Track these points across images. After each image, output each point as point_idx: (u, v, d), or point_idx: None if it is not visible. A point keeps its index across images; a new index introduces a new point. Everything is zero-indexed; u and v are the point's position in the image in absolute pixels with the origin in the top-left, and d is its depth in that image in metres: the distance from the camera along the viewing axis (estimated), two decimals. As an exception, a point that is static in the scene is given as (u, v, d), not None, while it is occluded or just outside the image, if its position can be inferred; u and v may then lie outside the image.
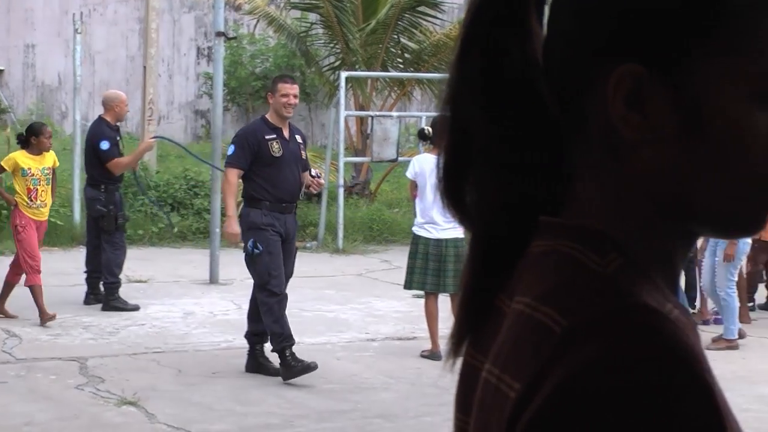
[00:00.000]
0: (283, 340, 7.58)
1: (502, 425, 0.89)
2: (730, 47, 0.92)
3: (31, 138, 9.81)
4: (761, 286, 11.12)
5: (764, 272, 11.06)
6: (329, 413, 6.95)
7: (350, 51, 17.80)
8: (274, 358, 7.75)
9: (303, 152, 8.06)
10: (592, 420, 0.83)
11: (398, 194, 18.12)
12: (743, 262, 9.80)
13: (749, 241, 9.12)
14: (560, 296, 0.91)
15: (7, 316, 9.73)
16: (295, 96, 7.88)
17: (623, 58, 0.93)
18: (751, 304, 10.80)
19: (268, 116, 7.97)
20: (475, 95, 1.01)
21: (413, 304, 10.23)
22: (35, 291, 9.44)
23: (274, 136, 7.82)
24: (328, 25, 18.04)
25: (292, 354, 7.60)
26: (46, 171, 9.81)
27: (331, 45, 18.62)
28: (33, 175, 9.69)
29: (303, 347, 8.17)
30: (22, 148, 9.90)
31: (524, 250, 0.99)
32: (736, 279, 9.19)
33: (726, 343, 8.99)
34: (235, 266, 10.63)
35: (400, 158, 15.31)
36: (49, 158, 9.91)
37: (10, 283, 9.85)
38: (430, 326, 8.41)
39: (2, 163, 9.84)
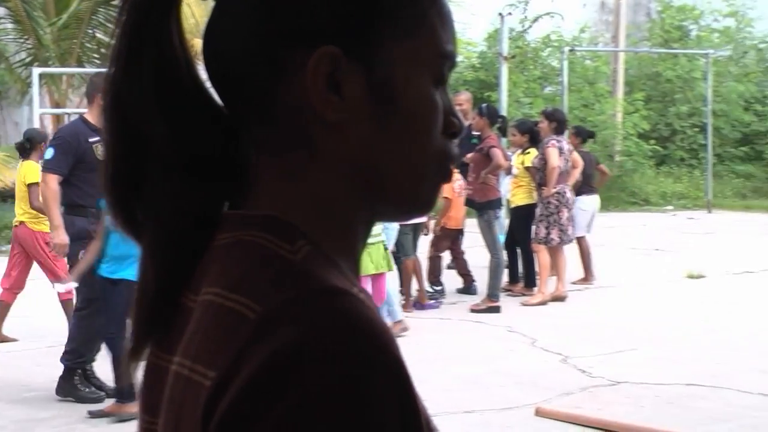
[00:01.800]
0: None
1: (198, 415, 0.87)
2: (412, 31, 0.97)
3: (40, 146, 8.80)
4: (455, 272, 11.59)
5: (452, 258, 11.55)
6: (29, 422, 6.70)
7: (42, 46, 17.24)
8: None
9: None
10: (290, 404, 0.83)
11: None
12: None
13: (395, 226, 9.24)
14: (251, 283, 0.90)
15: (6, 340, 8.91)
16: None
17: (318, 42, 0.94)
18: (439, 288, 11.22)
19: (87, 116, 7.40)
20: (148, 94, 0.97)
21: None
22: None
23: (98, 138, 7.22)
24: (18, 19, 17.42)
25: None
26: None
27: (22, 40, 17.99)
28: None
29: None
30: (25, 158, 8.95)
31: (208, 246, 0.97)
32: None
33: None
34: None
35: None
36: None
37: (5, 303, 8.95)
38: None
39: (33, 180, 8.63)
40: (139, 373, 1.02)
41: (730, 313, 10.22)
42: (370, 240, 5.62)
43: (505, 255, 11.05)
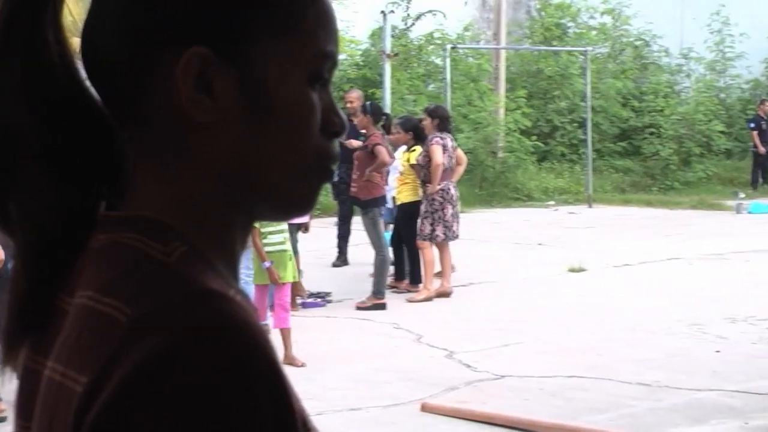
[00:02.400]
0: None
1: (69, 421, 0.87)
2: (285, 30, 0.97)
3: None
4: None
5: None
6: None
7: None
8: None
9: None
10: (160, 409, 0.83)
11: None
12: None
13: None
14: (123, 286, 0.90)
15: None
16: None
17: (188, 42, 0.94)
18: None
19: None
20: (15, 89, 0.96)
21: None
22: None
23: None
24: None
25: None
26: None
27: None
28: None
29: None
30: None
31: (84, 247, 0.97)
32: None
33: None
34: None
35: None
36: None
37: None
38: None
39: None
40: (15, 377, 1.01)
41: (610, 305, 10.45)
42: (274, 248, 5.55)
43: (390, 252, 11.12)
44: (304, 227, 10.73)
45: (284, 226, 8.32)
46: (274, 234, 8.17)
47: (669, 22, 26.88)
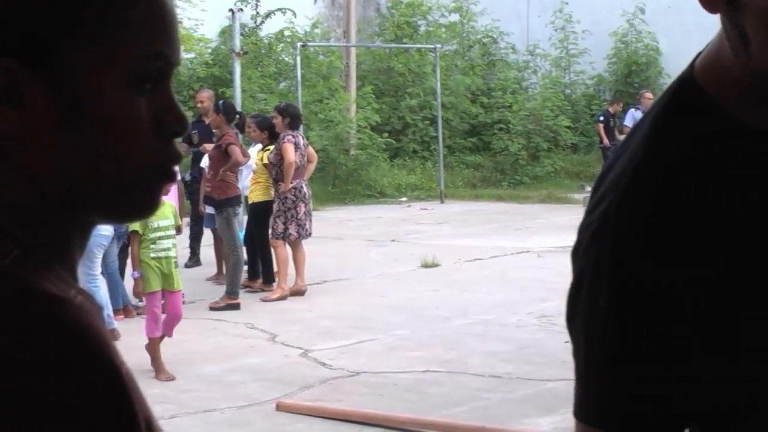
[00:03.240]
0: None
1: None
2: (99, 36, 0.95)
3: None
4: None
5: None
6: None
7: None
8: None
9: None
10: None
11: None
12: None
13: (106, 232, 9.12)
14: None
15: None
16: None
17: None
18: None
19: None
20: None
21: None
22: None
23: None
24: None
25: None
26: None
27: None
28: None
29: None
30: None
31: None
32: (95, 273, 9.08)
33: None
34: None
35: None
36: None
37: None
38: None
39: None
40: None
41: (463, 299, 10.59)
42: (159, 254, 5.41)
43: (244, 251, 11.05)
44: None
45: (172, 231, 8.07)
46: (163, 240, 7.91)
47: (515, 20, 27.41)
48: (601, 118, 21.29)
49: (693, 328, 1.18)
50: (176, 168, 1.03)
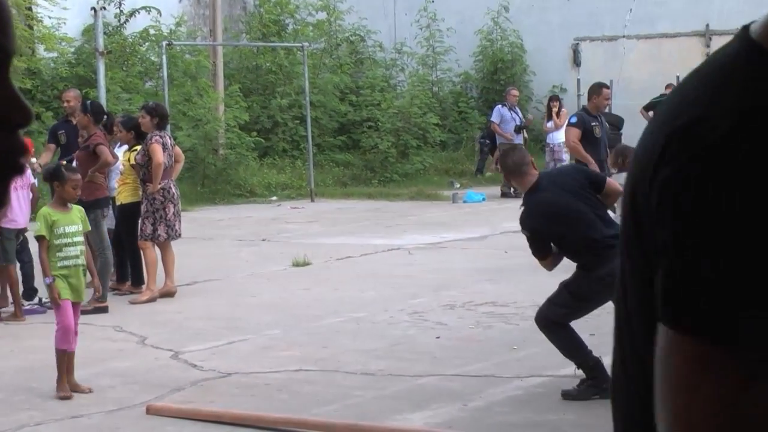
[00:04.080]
0: None
1: None
2: None
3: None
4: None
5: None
6: None
7: None
8: None
9: None
10: None
11: None
12: None
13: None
14: None
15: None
16: None
17: None
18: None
19: None
20: None
21: None
22: None
23: None
24: None
25: None
26: None
27: None
28: None
29: None
30: None
31: None
32: None
33: None
34: None
35: None
36: None
37: None
38: None
39: None
40: None
41: (335, 298, 10.60)
42: (67, 263, 5.28)
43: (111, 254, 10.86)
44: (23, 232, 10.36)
45: (80, 238, 7.78)
46: (69, 247, 7.63)
47: (382, 18, 27.54)
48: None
49: None
50: (26, 162, 1.00)
